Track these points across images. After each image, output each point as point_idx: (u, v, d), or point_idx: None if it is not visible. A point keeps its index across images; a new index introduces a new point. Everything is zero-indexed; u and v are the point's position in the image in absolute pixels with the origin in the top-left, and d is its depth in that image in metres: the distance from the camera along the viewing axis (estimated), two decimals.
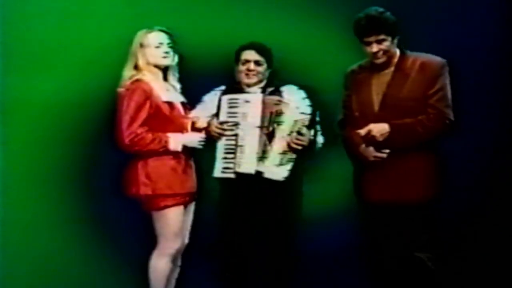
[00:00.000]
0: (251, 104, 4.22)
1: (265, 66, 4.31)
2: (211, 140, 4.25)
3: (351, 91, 4.14)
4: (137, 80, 4.08)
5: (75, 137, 4.63)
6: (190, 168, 4.21)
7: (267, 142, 4.19)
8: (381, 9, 3.96)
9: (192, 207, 4.28)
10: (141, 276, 4.21)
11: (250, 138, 4.18)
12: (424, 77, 3.94)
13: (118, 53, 4.24)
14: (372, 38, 3.93)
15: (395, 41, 3.99)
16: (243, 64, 4.29)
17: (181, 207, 4.14)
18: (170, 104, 4.15)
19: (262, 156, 4.17)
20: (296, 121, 4.17)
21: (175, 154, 4.12)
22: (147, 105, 4.04)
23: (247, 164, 4.17)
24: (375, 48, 3.94)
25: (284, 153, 4.17)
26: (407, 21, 4.10)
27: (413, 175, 3.95)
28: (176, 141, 4.10)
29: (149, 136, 4.04)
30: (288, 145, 4.15)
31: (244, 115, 4.22)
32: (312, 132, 4.19)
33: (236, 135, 4.21)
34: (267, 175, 4.17)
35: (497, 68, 4.59)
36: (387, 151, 3.94)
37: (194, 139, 4.19)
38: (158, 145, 4.06)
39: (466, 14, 4.59)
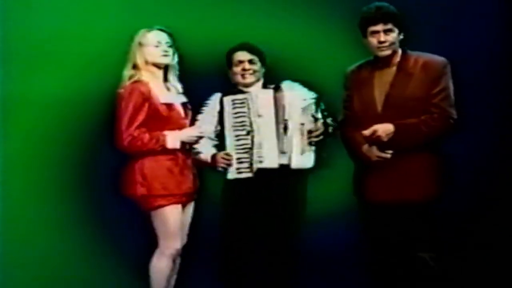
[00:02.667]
0: (262, 100, 4.26)
1: (259, 64, 4.33)
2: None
3: (351, 91, 4.12)
4: (136, 81, 4.08)
5: (75, 136, 4.63)
6: (188, 169, 4.19)
7: (283, 135, 4.23)
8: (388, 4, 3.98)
9: (191, 207, 4.27)
10: (141, 276, 4.19)
11: (268, 133, 4.22)
12: (427, 76, 3.92)
13: (119, 52, 4.22)
14: (379, 27, 3.92)
15: (400, 37, 3.98)
16: (237, 65, 4.31)
17: (179, 207, 4.13)
18: (168, 105, 4.14)
19: (282, 150, 4.21)
20: (303, 109, 4.22)
21: (172, 154, 4.11)
22: (145, 107, 4.05)
23: (269, 159, 4.20)
24: (382, 37, 3.93)
25: (303, 142, 4.21)
26: (408, 21, 4.08)
27: (415, 175, 3.93)
28: (173, 138, 4.09)
29: (147, 136, 4.04)
30: (309, 140, 4.20)
31: (256, 112, 4.24)
32: (320, 115, 4.23)
33: (248, 133, 4.23)
34: (294, 165, 4.21)
35: (499, 68, 4.61)
36: (391, 151, 3.93)
37: (191, 134, 4.17)
38: (156, 145, 4.05)
39: (468, 13, 4.61)
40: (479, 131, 4.52)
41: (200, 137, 4.20)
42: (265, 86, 4.36)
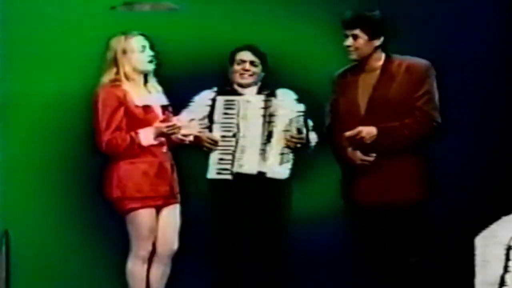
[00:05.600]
0: (252, 105, 4.29)
1: (260, 68, 4.37)
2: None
3: (337, 95, 4.13)
4: (112, 85, 4.10)
5: (75, 136, 4.66)
6: (165, 172, 4.18)
7: (266, 142, 4.25)
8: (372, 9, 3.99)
9: (175, 210, 4.25)
10: None
11: (252, 139, 4.25)
12: (410, 79, 3.93)
13: None
14: (348, 32, 3.97)
15: (377, 43, 3.97)
16: (238, 64, 4.35)
17: (151, 210, 4.13)
18: (145, 108, 4.14)
19: (262, 156, 4.23)
20: (291, 119, 4.23)
21: (149, 157, 4.12)
22: (121, 111, 4.08)
23: (249, 164, 4.24)
24: (348, 42, 3.97)
25: (283, 152, 4.24)
26: (405, 22, 4.16)
27: (402, 178, 3.95)
28: (146, 134, 4.09)
29: (121, 136, 4.06)
30: (287, 144, 4.22)
31: (244, 116, 4.27)
32: (304, 129, 4.25)
33: (234, 136, 4.26)
34: (270, 175, 4.23)
35: (494, 70, 4.61)
36: (374, 154, 3.94)
37: (160, 126, 4.11)
38: (131, 144, 4.07)
39: (465, 15, 4.62)
40: (467, 134, 4.54)
41: (178, 127, 4.10)
42: (260, 91, 4.39)
